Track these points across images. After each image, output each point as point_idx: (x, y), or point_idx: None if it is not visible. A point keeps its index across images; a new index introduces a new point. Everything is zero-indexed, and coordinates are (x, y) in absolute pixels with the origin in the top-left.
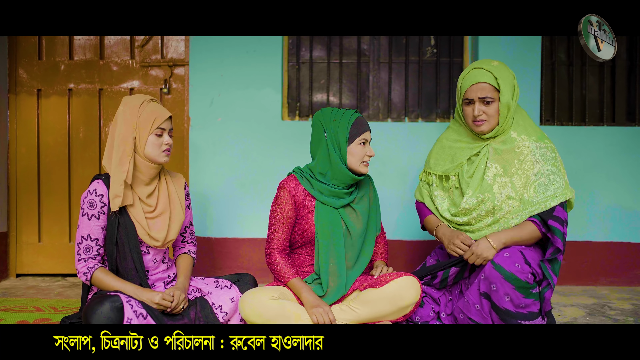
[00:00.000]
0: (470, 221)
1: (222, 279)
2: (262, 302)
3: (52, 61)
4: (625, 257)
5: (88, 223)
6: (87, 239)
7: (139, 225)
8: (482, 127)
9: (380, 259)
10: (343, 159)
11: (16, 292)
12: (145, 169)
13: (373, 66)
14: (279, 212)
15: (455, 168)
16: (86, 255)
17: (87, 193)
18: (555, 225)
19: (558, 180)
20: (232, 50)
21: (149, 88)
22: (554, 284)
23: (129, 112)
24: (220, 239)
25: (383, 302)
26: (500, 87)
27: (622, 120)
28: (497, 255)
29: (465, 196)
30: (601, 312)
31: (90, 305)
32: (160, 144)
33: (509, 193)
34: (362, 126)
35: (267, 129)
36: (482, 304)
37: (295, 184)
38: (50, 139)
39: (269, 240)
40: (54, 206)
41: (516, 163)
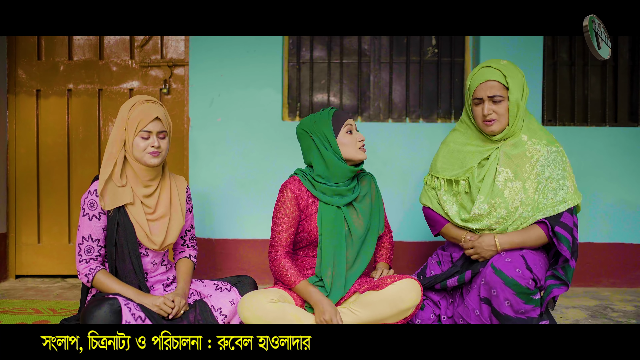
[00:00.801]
0: (484, 228)
1: (221, 282)
2: (261, 305)
3: (51, 61)
4: (628, 258)
5: (89, 223)
6: (88, 239)
7: (138, 226)
8: (492, 126)
9: (383, 260)
10: (337, 154)
11: (15, 294)
12: (139, 171)
13: (374, 66)
14: (283, 214)
15: (466, 173)
16: (87, 256)
17: (88, 193)
18: (561, 232)
19: (567, 185)
20: (232, 50)
21: (148, 88)
22: (567, 288)
23: (121, 114)
24: (220, 240)
25: (383, 304)
26: (509, 85)
27: (624, 120)
28: (498, 260)
29: (477, 202)
30: (603, 314)
31: (88, 308)
32: (145, 147)
33: (521, 199)
34: (342, 116)
35: (267, 129)
36: (482, 310)
37: (298, 185)
38: (49, 139)
39: (273, 243)
40: (53, 207)
41: (527, 168)
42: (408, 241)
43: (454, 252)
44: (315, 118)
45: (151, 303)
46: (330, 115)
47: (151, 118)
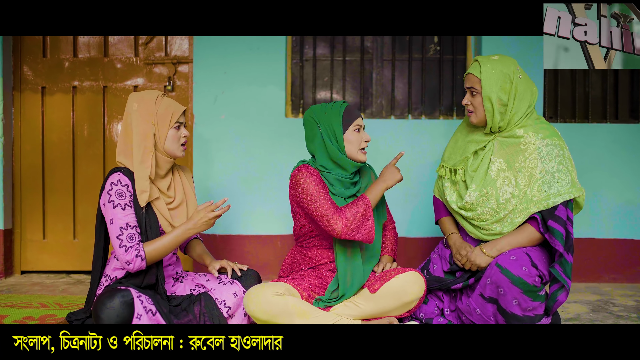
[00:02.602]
0: (475, 218)
1: (224, 275)
2: (266, 298)
3: (56, 59)
4: (629, 254)
5: (123, 213)
6: (127, 228)
7: (161, 217)
8: (471, 117)
9: (387, 253)
10: (341, 149)
11: (21, 289)
12: (163, 163)
13: (376, 64)
14: (315, 190)
15: (462, 162)
16: (131, 243)
17: (112, 185)
18: (554, 226)
19: (563, 179)
20: (235, 48)
21: (153, 85)
22: (569, 287)
23: (144, 108)
24: (224, 235)
25: (387, 297)
26: (482, 80)
27: (625, 117)
28: (503, 259)
29: (469, 190)
30: (604, 308)
31: (100, 299)
32: (178, 137)
33: (512, 191)
34: (354, 113)
35: (270, 126)
36: (485, 308)
37: (311, 169)
38: (54, 136)
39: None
40: (58, 204)
41: (521, 159)
42: (411, 237)
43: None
44: (327, 109)
45: (205, 219)
46: (342, 109)
47: (182, 110)
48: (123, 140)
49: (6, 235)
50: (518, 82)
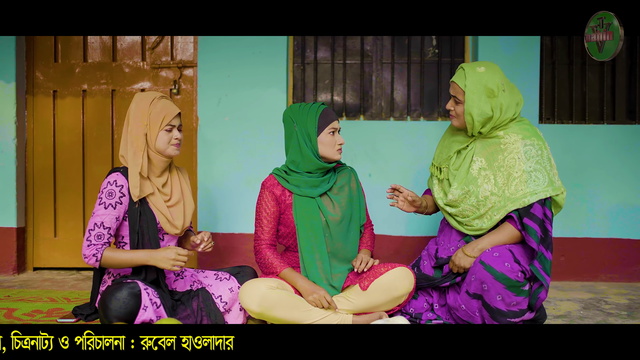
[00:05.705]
0: (458, 214)
1: (221, 272)
2: (260, 292)
3: (67, 63)
4: (625, 253)
5: (104, 211)
6: (100, 226)
7: (160, 214)
8: (453, 121)
9: (364, 247)
10: (314, 150)
11: (33, 284)
12: (157, 162)
13: (376, 66)
14: (262, 210)
15: (446, 160)
16: (97, 242)
17: (107, 183)
18: (529, 223)
19: (540, 178)
20: (239, 51)
21: (159, 89)
22: (548, 284)
23: (139, 110)
24: (227, 234)
25: (378, 292)
26: (465, 92)
27: (622, 118)
28: (486, 256)
29: (451, 188)
30: (596, 306)
31: (108, 290)
32: (169, 139)
33: (491, 189)
34: (330, 116)
35: (272, 128)
36: (470, 304)
37: (273, 182)
38: (65, 138)
39: (256, 238)
40: (68, 203)
41: (500, 159)
42: (408, 235)
43: (439, 249)
44: (303, 110)
45: (165, 258)
46: (318, 112)
47: (175, 113)
48: (123, 138)
49: (19, 233)
50: (502, 96)
